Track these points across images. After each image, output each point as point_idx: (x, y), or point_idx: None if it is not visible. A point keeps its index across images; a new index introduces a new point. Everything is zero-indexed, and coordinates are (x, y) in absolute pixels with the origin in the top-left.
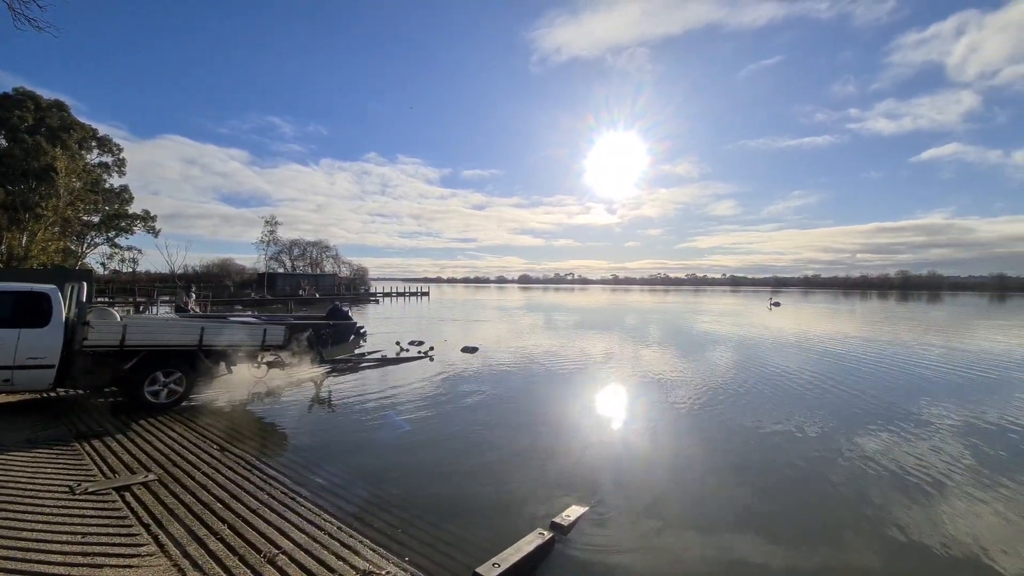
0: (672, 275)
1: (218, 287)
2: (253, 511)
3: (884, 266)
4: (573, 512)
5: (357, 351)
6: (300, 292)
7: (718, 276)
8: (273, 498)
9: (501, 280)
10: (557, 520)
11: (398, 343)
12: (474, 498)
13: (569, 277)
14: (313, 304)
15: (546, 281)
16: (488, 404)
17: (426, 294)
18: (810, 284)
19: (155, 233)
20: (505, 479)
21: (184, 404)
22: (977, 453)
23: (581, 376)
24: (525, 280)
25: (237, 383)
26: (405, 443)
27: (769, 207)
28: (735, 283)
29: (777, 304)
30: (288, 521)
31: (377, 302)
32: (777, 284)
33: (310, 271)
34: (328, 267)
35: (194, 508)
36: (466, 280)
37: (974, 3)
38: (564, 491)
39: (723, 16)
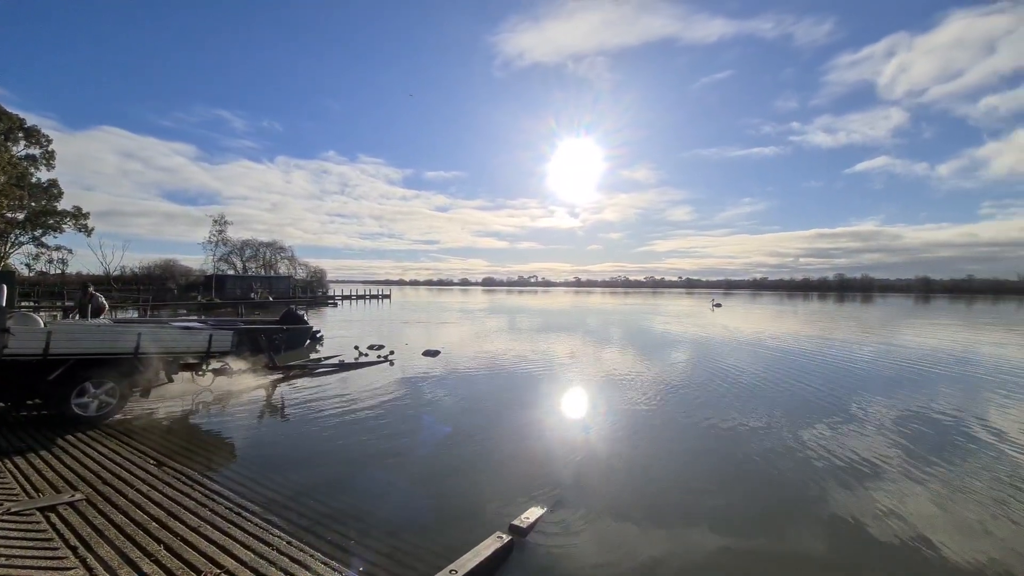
0: (632, 277)
1: (161, 290)
2: (194, 529)
3: (823, 269)
4: (532, 514)
5: (313, 356)
6: (252, 295)
7: (675, 279)
8: (217, 515)
9: (465, 282)
10: (516, 523)
11: (357, 347)
12: (433, 504)
13: (533, 279)
14: (266, 308)
15: (510, 283)
16: (448, 408)
17: (387, 296)
18: (758, 286)
19: (87, 231)
20: (465, 483)
21: (118, 417)
22: (907, 441)
23: (543, 378)
24: (489, 282)
25: (179, 393)
26: (361, 450)
27: (721, 213)
28: (690, 285)
29: (719, 305)
30: (233, 538)
31: (336, 305)
32: (729, 286)
33: (263, 273)
34: (283, 269)
35: (127, 529)
36: (429, 282)
37: (904, 26)
38: (524, 493)
39: (678, 31)
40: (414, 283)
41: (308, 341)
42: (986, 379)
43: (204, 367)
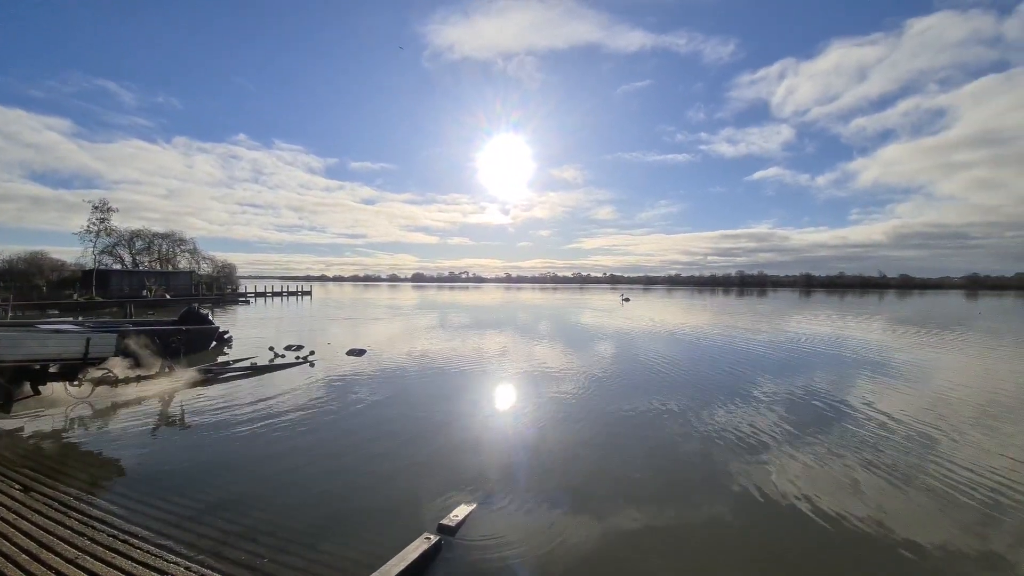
0: (560, 274)
1: (25, 287)
2: (70, 561)
3: (727, 267)
4: (461, 511)
5: (220, 359)
6: (144, 292)
7: (600, 275)
8: (97, 543)
9: (394, 278)
10: (445, 522)
11: (272, 348)
12: (357, 510)
13: (464, 275)
14: (162, 307)
15: (441, 280)
16: (374, 408)
17: (308, 293)
18: (673, 282)
19: None
20: (392, 486)
21: None
22: (789, 415)
23: (474, 374)
24: (419, 278)
25: (49, 406)
26: (276, 459)
27: (641, 213)
28: (614, 281)
29: (627, 299)
30: (118, 569)
31: (248, 303)
32: (648, 282)
33: (159, 268)
34: (183, 263)
35: None
36: (355, 279)
37: (793, 52)
38: (454, 491)
39: (602, 38)
40: (338, 279)
41: (213, 343)
42: (852, 359)
43: (81, 375)
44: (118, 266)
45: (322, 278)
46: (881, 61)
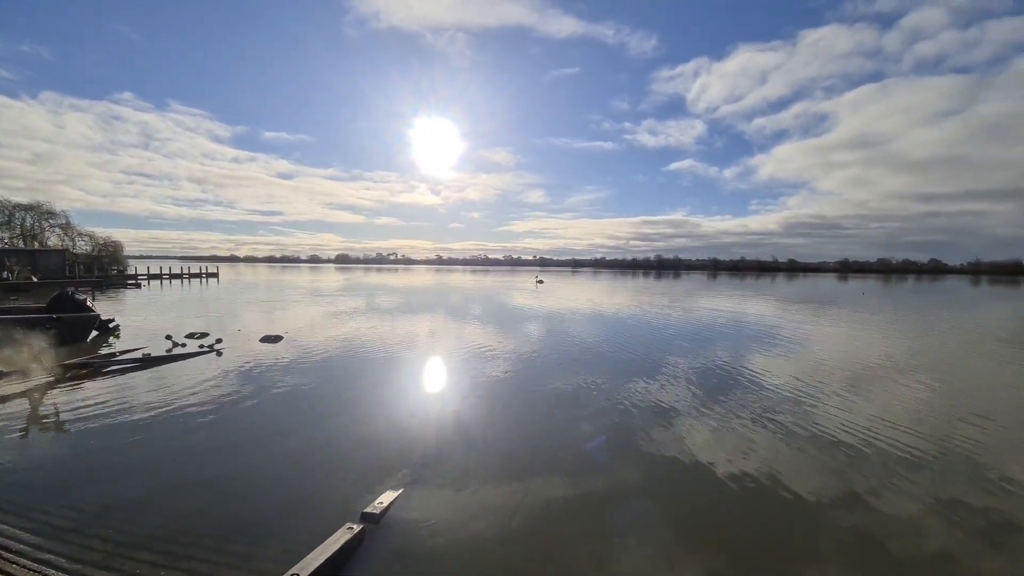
0: (492, 256)
1: None
2: None
3: (647, 251)
4: (385, 498)
5: (104, 351)
6: (4, 275)
7: (530, 258)
8: None
9: (315, 260)
10: (368, 510)
11: (170, 337)
12: (274, 507)
13: (392, 257)
14: (27, 291)
15: (367, 261)
16: (292, 398)
17: (214, 275)
18: (599, 265)
19: None
20: (312, 479)
21: None
22: (695, 386)
23: (401, 359)
24: (343, 259)
25: None
26: (177, 459)
27: (569, 198)
28: (543, 263)
29: (541, 282)
30: None
31: (139, 286)
32: (575, 265)
33: (22, 246)
34: (53, 240)
35: None
36: (271, 260)
37: (706, 53)
38: (379, 478)
39: (533, 21)
40: (251, 260)
41: (95, 333)
42: (750, 334)
43: None
44: None
45: (231, 259)
46: (779, 67)
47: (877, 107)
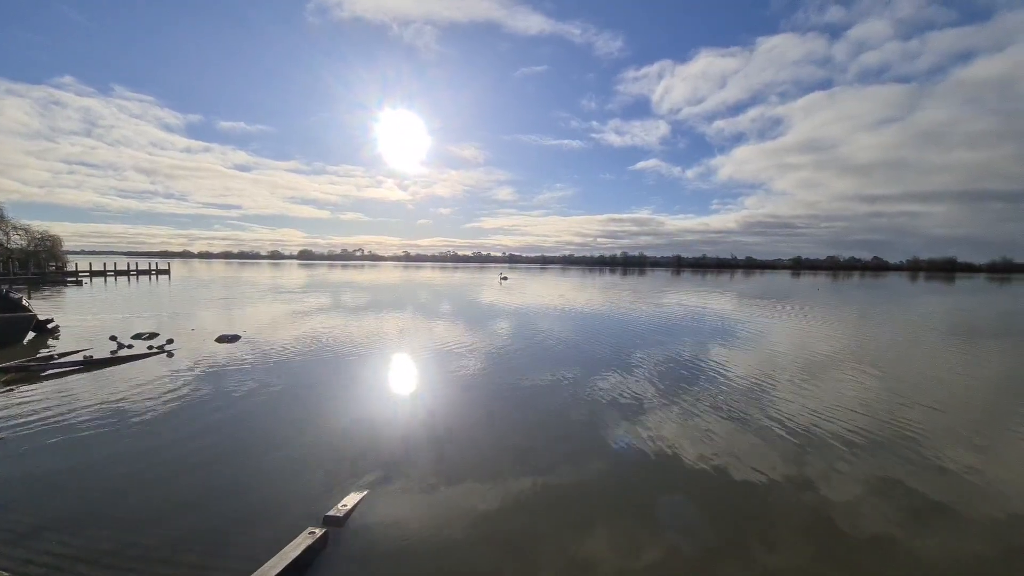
0: (461, 253)
1: None
2: None
3: (613, 248)
4: (350, 500)
5: (42, 353)
6: None
7: (499, 254)
8: None
9: (276, 255)
10: (332, 513)
11: (115, 338)
12: (232, 515)
13: (359, 253)
14: None
15: (332, 257)
16: (251, 401)
17: (165, 272)
18: (567, 262)
19: None
20: (273, 484)
21: None
22: (660, 380)
23: (367, 358)
24: (307, 256)
25: None
26: (124, 468)
27: (539, 196)
28: (513, 260)
29: (506, 278)
30: None
31: (80, 284)
32: (544, 262)
33: None
34: None
35: None
36: (228, 255)
37: (670, 55)
38: (344, 480)
39: (502, 17)
40: (206, 256)
41: (31, 334)
42: (711, 329)
43: None
44: None
45: (184, 254)
46: (737, 72)
47: (826, 113)
